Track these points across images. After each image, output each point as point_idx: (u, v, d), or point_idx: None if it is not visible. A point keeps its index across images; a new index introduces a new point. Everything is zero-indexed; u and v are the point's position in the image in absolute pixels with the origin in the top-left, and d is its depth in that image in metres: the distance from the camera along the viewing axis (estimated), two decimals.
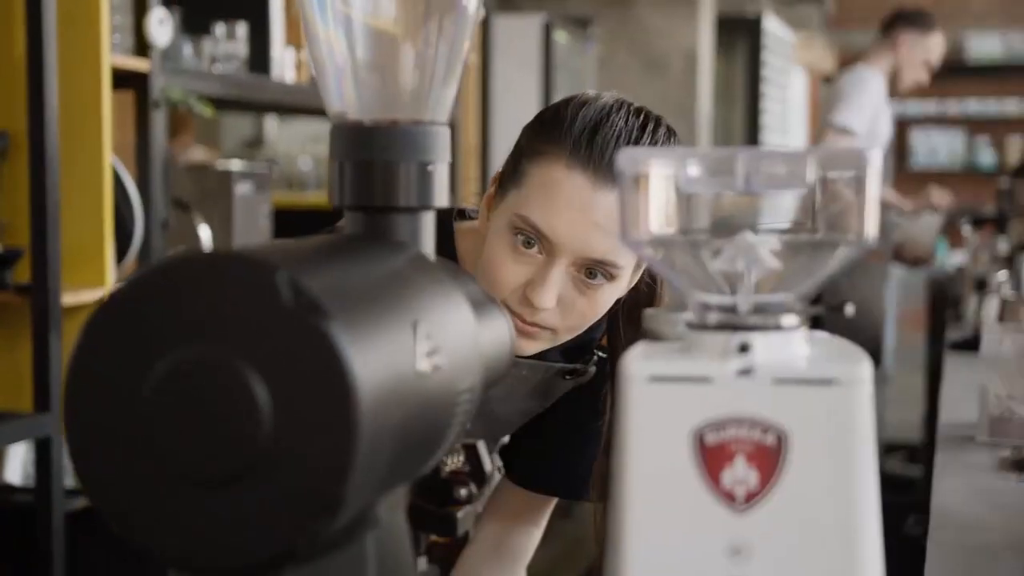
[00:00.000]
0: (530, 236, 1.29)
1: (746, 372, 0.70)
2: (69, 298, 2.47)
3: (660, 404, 0.70)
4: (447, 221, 1.46)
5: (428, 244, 0.83)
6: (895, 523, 4.24)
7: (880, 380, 5.83)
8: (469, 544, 1.59)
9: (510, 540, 1.60)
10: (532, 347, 1.34)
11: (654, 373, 0.70)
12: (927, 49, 4.33)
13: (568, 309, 1.31)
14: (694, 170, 0.73)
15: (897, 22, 4.45)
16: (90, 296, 2.54)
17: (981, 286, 3.34)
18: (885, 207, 4.51)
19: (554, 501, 1.60)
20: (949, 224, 9.61)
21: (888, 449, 5.66)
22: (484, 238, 1.34)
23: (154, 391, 0.64)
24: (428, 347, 0.72)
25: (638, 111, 1.33)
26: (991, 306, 3.00)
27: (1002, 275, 3.12)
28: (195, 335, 0.64)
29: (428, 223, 0.83)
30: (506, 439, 1.59)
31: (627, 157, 0.73)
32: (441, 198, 0.83)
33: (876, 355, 4.68)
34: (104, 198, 2.55)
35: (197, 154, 4.63)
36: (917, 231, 4.75)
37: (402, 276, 0.75)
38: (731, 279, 0.74)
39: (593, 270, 1.30)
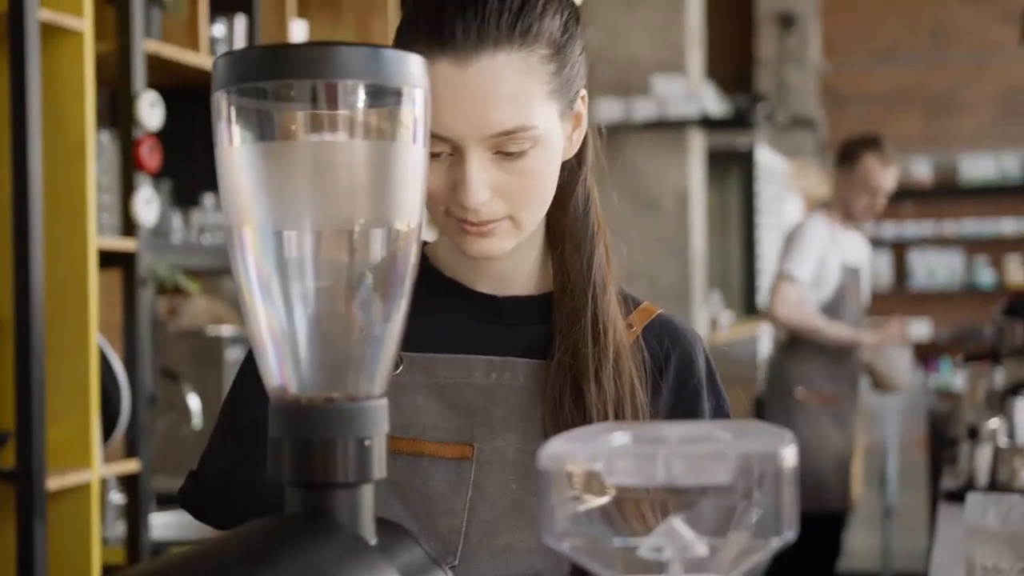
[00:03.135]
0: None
1: None
2: (54, 482, 2.47)
3: None
4: None
5: (367, 517, 0.84)
6: None
7: (884, 512, 5.79)
8: None
9: None
10: (499, 244, 1.24)
11: None
12: (861, 175, 4.43)
13: (507, 192, 1.21)
14: (618, 464, 0.73)
15: (835, 163, 4.66)
16: (75, 479, 2.54)
17: (973, 434, 3.32)
18: (850, 346, 4.53)
19: None
20: (954, 344, 9.65)
21: None
22: None
23: None
24: None
25: None
26: (983, 456, 2.98)
27: (994, 423, 3.10)
28: None
29: (367, 496, 0.84)
30: None
31: (548, 454, 0.73)
32: (380, 470, 0.84)
33: (817, 496, 4.48)
34: (90, 380, 2.56)
35: (199, 304, 4.65)
36: (883, 363, 4.74)
37: (328, 573, 0.76)
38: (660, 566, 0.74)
39: (508, 144, 1.19)
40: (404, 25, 1.22)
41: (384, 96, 0.83)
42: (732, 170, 7.32)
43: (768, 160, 7.71)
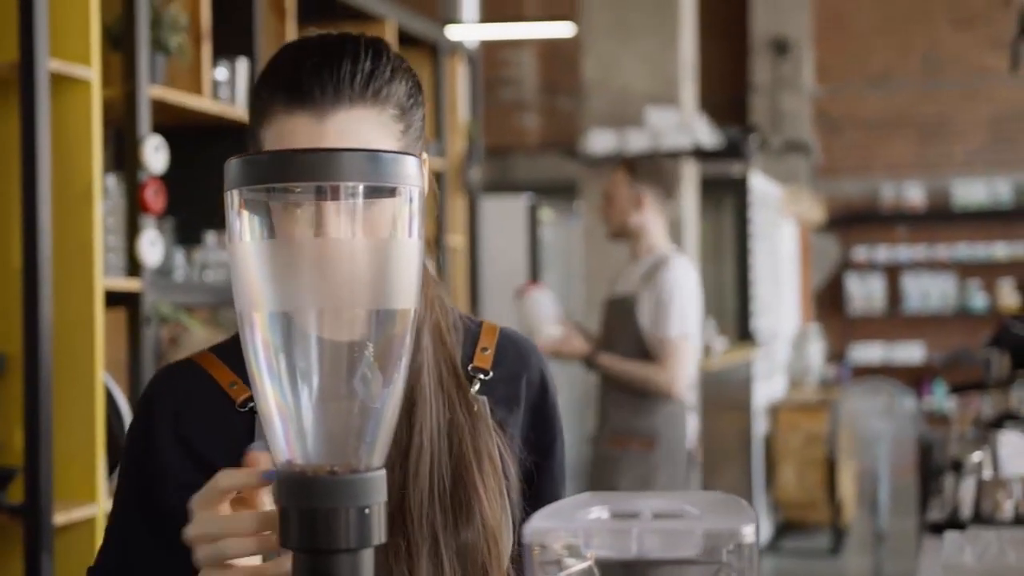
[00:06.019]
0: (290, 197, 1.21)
1: None
2: (61, 517, 2.55)
3: None
4: None
5: None
6: None
7: (875, 537, 5.85)
8: None
9: None
10: None
11: None
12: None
13: None
14: (595, 539, 0.81)
15: None
16: (81, 514, 2.61)
17: (957, 467, 3.38)
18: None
19: None
20: (948, 367, 9.73)
21: None
22: None
23: None
24: None
25: (333, 37, 1.28)
26: (967, 489, 3.03)
27: (977, 456, 3.15)
28: None
29: (367, 560, 0.91)
30: None
31: (531, 530, 0.81)
32: (379, 535, 0.92)
33: None
34: (96, 416, 2.64)
35: (199, 335, 4.71)
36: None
37: None
38: None
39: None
40: (262, 87, 1.27)
41: (381, 194, 0.91)
42: (726, 197, 7.39)
43: (762, 187, 7.78)
